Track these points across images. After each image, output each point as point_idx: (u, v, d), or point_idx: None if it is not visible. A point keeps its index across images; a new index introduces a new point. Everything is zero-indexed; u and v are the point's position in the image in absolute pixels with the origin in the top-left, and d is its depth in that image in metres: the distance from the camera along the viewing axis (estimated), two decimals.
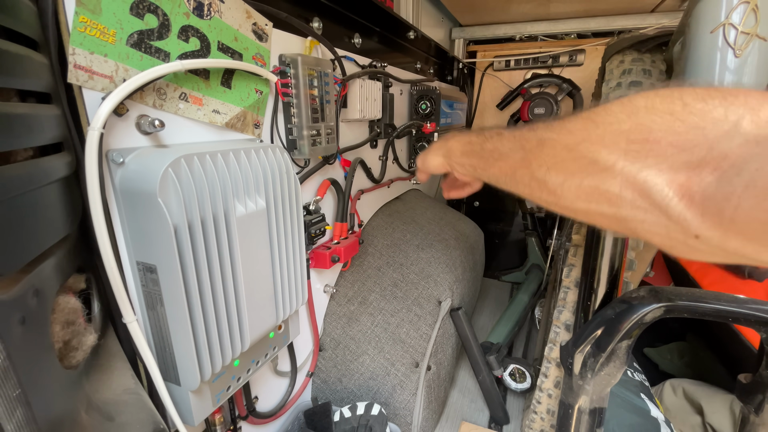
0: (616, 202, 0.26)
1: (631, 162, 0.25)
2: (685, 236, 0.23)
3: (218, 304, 0.44)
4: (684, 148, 0.23)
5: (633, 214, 0.26)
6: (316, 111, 0.61)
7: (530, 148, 0.34)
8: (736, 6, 0.45)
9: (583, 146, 0.28)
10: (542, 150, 0.32)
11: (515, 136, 0.37)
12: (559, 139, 0.30)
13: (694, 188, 0.22)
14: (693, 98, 0.23)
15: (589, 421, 0.64)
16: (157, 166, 0.36)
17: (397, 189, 1.18)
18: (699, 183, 0.22)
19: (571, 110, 0.30)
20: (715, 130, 0.22)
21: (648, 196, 0.24)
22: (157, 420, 0.39)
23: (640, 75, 0.67)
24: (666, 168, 0.23)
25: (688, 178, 0.22)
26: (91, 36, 0.34)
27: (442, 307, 0.93)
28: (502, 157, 0.38)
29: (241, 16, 0.49)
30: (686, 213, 0.23)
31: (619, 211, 0.26)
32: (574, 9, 1.41)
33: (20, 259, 0.28)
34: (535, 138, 0.33)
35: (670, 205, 0.23)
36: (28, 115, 0.28)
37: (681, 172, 0.23)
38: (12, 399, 0.26)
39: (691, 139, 0.22)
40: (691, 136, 0.22)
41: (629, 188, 0.25)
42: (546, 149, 0.32)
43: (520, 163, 0.35)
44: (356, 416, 0.71)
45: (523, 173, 0.35)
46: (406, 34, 1.07)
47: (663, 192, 0.23)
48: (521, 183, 0.35)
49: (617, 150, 0.26)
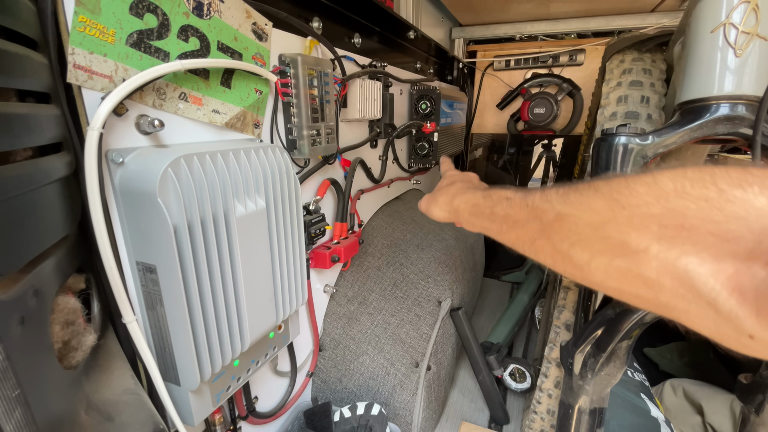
0: (654, 287, 0.24)
1: (667, 247, 0.23)
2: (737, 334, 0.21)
3: (218, 304, 0.43)
4: (727, 238, 0.21)
5: (675, 302, 0.23)
6: (316, 111, 0.61)
7: (548, 221, 0.32)
8: (736, 6, 0.45)
9: (609, 227, 0.26)
10: (562, 225, 0.30)
11: (527, 204, 0.35)
12: (581, 216, 0.29)
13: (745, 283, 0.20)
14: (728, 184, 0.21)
15: (589, 421, 0.64)
16: (157, 166, 0.36)
17: (397, 189, 1.18)
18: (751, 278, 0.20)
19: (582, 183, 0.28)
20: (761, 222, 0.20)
21: (691, 287, 0.22)
22: (156, 420, 0.39)
23: (640, 75, 0.67)
24: (709, 257, 0.21)
25: (737, 271, 0.20)
26: (91, 36, 0.34)
27: (442, 307, 0.93)
28: (517, 225, 0.36)
29: (240, 16, 0.49)
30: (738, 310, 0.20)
31: (659, 297, 0.24)
32: (574, 9, 1.41)
33: (20, 259, 0.28)
34: (551, 211, 0.32)
35: (718, 300, 0.21)
36: (28, 115, 0.28)
37: (727, 263, 0.21)
38: (11, 399, 0.26)
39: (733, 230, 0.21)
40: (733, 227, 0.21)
41: (668, 275, 0.23)
42: (566, 224, 0.30)
43: (539, 234, 0.33)
44: (356, 416, 0.71)
45: (543, 244, 0.33)
46: (406, 34, 1.07)
47: (709, 284, 0.21)
48: (542, 252, 0.33)
49: (648, 234, 0.24)
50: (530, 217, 0.34)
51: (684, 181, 0.23)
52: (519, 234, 0.36)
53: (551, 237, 0.31)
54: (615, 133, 0.52)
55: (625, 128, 0.52)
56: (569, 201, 0.30)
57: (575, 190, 0.30)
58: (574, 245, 0.29)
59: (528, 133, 1.74)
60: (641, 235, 0.24)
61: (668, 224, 0.23)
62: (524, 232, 0.35)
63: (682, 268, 0.22)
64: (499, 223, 0.39)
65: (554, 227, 0.31)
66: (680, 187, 0.23)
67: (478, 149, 1.90)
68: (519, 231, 0.36)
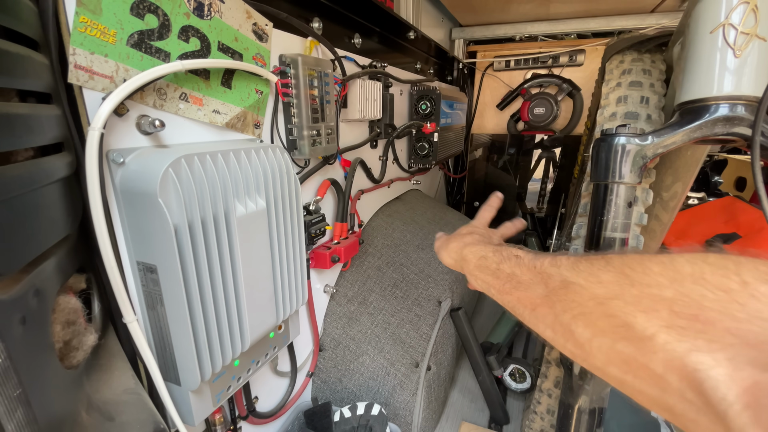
0: (660, 384, 0.21)
1: (677, 338, 0.20)
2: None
3: (218, 304, 0.44)
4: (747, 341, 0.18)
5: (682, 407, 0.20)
6: (316, 111, 0.61)
7: (553, 287, 0.29)
8: (735, 6, 0.45)
9: (614, 304, 0.24)
10: (566, 293, 0.28)
11: (536, 266, 0.33)
12: (587, 286, 0.26)
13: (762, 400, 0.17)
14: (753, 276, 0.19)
15: (589, 421, 0.64)
16: (158, 166, 0.36)
17: (397, 189, 1.18)
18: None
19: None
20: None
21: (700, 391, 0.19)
22: (157, 420, 0.39)
23: (640, 75, 0.67)
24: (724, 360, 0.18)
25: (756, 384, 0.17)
26: (92, 36, 0.34)
27: (442, 307, 0.93)
28: (520, 287, 0.34)
29: (241, 17, 0.49)
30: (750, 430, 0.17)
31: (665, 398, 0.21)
32: (574, 9, 1.41)
33: (21, 259, 0.28)
34: (558, 277, 0.29)
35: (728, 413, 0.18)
36: (29, 116, 0.28)
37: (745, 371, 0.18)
38: (13, 399, 0.26)
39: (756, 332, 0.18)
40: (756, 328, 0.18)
41: (675, 372, 0.20)
42: (570, 293, 0.27)
43: (541, 300, 0.31)
44: (356, 416, 0.71)
45: (545, 312, 0.30)
46: (406, 35, 1.07)
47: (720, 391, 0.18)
48: (542, 322, 0.31)
49: (657, 319, 0.21)
50: (536, 280, 0.32)
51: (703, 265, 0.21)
52: (521, 297, 0.33)
53: (554, 305, 0.29)
54: (614, 133, 0.52)
55: (625, 128, 0.52)
56: (578, 269, 0.28)
57: (586, 259, 0.28)
58: (576, 318, 0.27)
59: (528, 133, 1.74)
60: (649, 318, 0.22)
61: (680, 312, 0.21)
62: (527, 295, 0.32)
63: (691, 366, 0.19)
64: (503, 281, 0.36)
65: (558, 295, 0.29)
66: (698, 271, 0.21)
67: (478, 149, 1.90)
68: (521, 293, 0.33)
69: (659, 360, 0.21)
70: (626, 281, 0.24)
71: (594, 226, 0.55)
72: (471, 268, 0.43)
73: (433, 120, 1.11)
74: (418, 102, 1.11)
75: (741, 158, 1.61)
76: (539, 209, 1.87)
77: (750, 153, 0.45)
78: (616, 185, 0.53)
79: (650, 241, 0.75)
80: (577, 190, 0.89)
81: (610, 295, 0.25)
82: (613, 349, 0.24)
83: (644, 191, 0.60)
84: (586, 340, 0.26)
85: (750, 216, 1.19)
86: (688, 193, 0.98)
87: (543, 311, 0.30)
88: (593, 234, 0.55)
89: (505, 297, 0.36)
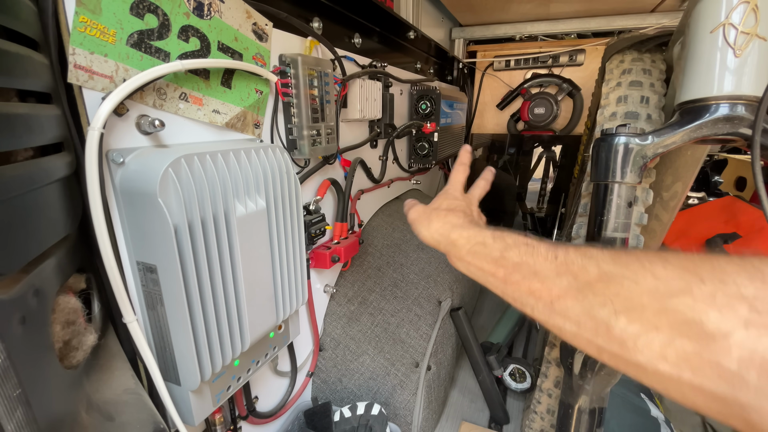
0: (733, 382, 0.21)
1: (757, 337, 0.20)
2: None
3: (218, 304, 0.44)
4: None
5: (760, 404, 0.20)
6: (316, 111, 0.61)
7: (587, 280, 0.28)
8: (736, 6, 0.45)
9: (678, 300, 0.23)
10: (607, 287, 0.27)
11: (557, 256, 0.31)
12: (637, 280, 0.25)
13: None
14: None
15: (589, 421, 0.64)
16: (158, 166, 0.36)
17: (397, 189, 1.18)
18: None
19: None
20: None
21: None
22: (157, 420, 0.39)
23: (640, 75, 0.67)
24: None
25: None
26: (91, 36, 0.34)
27: (442, 307, 0.93)
28: (536, 277, 0.31)
29: (241, 16, 0.49)
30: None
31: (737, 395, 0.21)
32: (574, 9, 1.41)
33: (21, 258, 0.28)
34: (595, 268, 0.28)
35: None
36: (29, 115, 0.28)
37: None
38: (12, 399, 0.26)
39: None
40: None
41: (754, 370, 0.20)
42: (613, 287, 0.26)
43: (567, 292, 0.29)
44: (356, 416, 0.71)
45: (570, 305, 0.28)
46: (406, 34, 1.07)
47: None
48: (562, 315, 0.29)
49: (734, 317, 0.21)
50: (560, 270, 0.30)
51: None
52: (534, 288, 0.31)
53: (586, 298, 0.27)
54: (615, 133, 0.52)
55: (625, 128, 0.52)
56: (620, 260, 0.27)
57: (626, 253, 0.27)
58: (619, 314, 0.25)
59: (528, 133, 1.74)
60: (724, 316, 0.21)
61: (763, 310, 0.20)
62: (544, 287, 0.31)
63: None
64: (509, 271, 0.34)
65: (595, 288, 0.27)
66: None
67: (478, 149, 1.90)
68: (536, 285, 0.31)
69: (734, 358, 0.21)
70: (693, 278, 0.23)
71: (594, 225, 0.55)
72: (462, 254, 0.40)
73: (433, 120, 1.11)
74: (418, 102, 1.11)
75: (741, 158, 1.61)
76: (539, 209, 1.88)
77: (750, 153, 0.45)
78: (616, 185, 0.53)
79: (650, 240, 0.75)
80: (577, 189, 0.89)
81: (672, 290, 0.24)
82: (671, 345, 0.23)
83: (644, 191, 0.60)
84: (631, 337, 0.25)
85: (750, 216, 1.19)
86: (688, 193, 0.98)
87: (566, 304, 0.29)
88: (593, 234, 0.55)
89: (511, 287, 0.34)
